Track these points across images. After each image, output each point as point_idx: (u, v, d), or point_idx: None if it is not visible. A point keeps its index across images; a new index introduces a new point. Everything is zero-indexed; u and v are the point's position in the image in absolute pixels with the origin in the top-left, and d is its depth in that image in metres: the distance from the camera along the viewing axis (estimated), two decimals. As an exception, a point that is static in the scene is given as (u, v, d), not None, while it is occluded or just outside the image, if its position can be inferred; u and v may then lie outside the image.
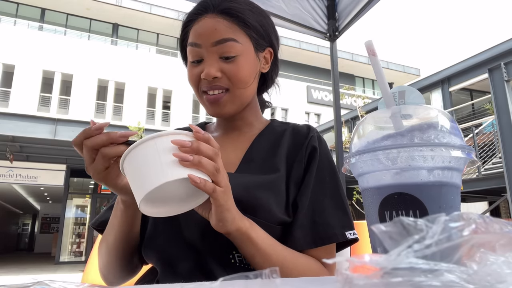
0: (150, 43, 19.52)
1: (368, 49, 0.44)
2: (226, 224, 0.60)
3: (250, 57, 0.80)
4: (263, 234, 0.66)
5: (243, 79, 0.77)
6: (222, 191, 0.56)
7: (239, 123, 0.87)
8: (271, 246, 0.66)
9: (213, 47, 0.76)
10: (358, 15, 2.23)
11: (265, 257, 0.64)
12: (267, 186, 0.73)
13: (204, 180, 0.53)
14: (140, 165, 0.53)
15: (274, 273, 0.27)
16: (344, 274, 0.23)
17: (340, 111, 2.45)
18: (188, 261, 0.70)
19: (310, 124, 0.90)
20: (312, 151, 0.81)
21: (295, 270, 0.67)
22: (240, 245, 0.64)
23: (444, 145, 0.38)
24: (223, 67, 0.76)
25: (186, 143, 0.53)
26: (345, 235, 0.72)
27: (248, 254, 0.65)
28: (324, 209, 0.74)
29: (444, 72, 12.20)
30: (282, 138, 0.84)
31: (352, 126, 14.35)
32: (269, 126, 0.89)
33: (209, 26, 0.77)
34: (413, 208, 0.38)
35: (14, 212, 23.98)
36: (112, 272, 0.78)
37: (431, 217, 0.25)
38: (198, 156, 0.53)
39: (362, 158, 0.41)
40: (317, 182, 0.77)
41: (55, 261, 12.21)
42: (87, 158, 0.60)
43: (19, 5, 17.64)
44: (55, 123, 9.74)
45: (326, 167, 0.80)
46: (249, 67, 0.79)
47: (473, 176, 8.15)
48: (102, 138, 0.59)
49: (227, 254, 0.69)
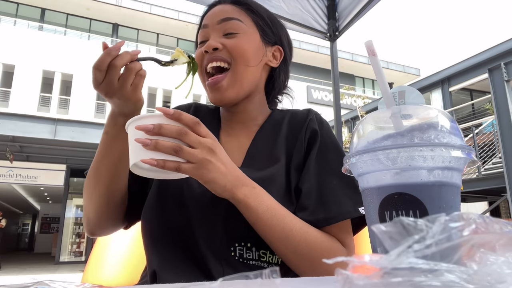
0: (150, 43, 19.52)
1: (368, 49, 0.44)
2: (217, 192, 0.62)
3: (254, 40, 0.81)
4: (269, 203, 0.66)
5: (244, 54, 0.78)
6: (193, 167, 0.58)
7: (243, 116, 0.86)
8: (276, 217, 0.65)
9: (218, 25, 0.79)
10: (358, 15, 2.23)
11: (267, 227, 0.64)
12: (268, 181, 0.72)
13: (163, 161, 0.56)
14: (128, 139, 0.60)
15: (274, 273, 0.27)
16: (344, 274, 0.23)
17: (340, 111, 2.45)
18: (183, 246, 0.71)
19: (311, 108, 0.90)
20: (312, 134, 0.81)
21: (304, 243, 0.66)
22: (241, 212, 0.65)
23: (444, 145, 0.38)
24: (225, 41, 0.78)
25: (149, 127, 0.56)
26: (358, 211, 0.69)
27: (250, 222, 0.66)
28: (333, 188, 0.73)
29: (444, 72, 12.20)
30: (281, 126, 0.85)
31: (352, 126, 14.35)
32: (270, 117, 0.89)
33: (217, 9, 0.82)
34: (413, 208, 0.38)
35: (14, 212, 23.97)
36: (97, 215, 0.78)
37: (431, 217, 0.25)
38: (154, 140, 0.56)
39: (362, 158, 0.41)
40: (322, 164, 0.76)
41: (55, 261, 12.21)
42: (111, 78, 0.64)
43: (19, 5, 17.63)
44: (55, 123, 9.74)
45: (330, 148, 0.79)
46: (252, 46, 0.80)
47: (473, 176, 8.15)
48: (127, 57, 0.65)
49: (229, 246, 0.69)
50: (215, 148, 0.61)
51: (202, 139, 0.59)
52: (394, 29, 43.65)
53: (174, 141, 0.58)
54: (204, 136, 0.60)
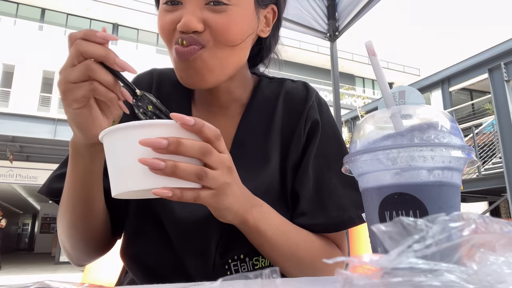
0: (150, 43, 19.52)
1: (368, 49, 0.44)
2: (227, 219, 0.52)
3: (248, 12, 0.61)
4: (276, 221, 0.58)
5: (232, 37, 0.58)
6: (212, 194, 0.46)
7: (224, 99, 0.69)
8: (283, 235, 0.58)
9: None
10: (358, 15, 2.23)
11: (274, 247, 0.58)
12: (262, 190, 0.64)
13: (180, 191, 0.42)
14: (112, 155, 0.44)
15: (274, 273, 0.27)
16: (344, 274, 0.23)
17: (340, 111, 2.45)
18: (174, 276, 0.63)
19: (307, 83, 0.74)
20: (313, 125, 0.69)
21: (308, 256, 0.61)
22: (246, 235, 0.58)
23: (444, 145, 0.38)
24: (208, 17, 0.57)
25: (161, 144, 0.41)
26: (361, 217, 0.63)
27: (255, 244, 0.59)
28: (332, 188, 0.65)
29: (444, 72, 12.20)
30: (275, 109, 0.70)
31: (352, 126, 14.35)
32: (257, 92, 0.72)
33: None
34: (413, 208, 0.38)
35: (14, 212, 23.97)
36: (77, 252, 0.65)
37: (431, 217, 0.25)
38: (172, 164, 0.41)
39: (362, 158, 0.41)
40: (321, 159, 0.67)
41: (55, 261, 12.21)
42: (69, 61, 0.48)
43: (19, 5, 17.63)
44: (55, 123, 9.74)
45: (330, 138, 0.69)
46: (244, 23, 0.60)
47: (473, 176, 8.15)
48: (99, 50, 0.46)
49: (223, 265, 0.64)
50: (232, 166, 0.50)
51: (222, 156, 0.47)
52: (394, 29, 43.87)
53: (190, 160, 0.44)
54: (222, 151, 0.48)
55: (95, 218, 0.62)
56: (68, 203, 0.59)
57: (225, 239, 0.63)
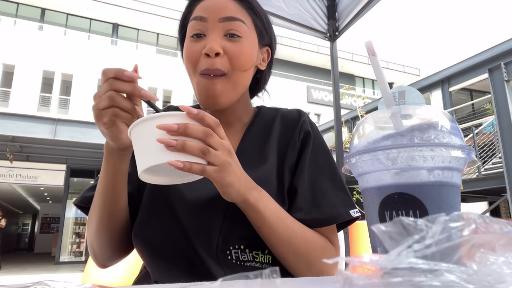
0: (150, 43, 19.52)
1: (368, 49, 0.44)
2: (231, 196, 0.61)
3: (254, 45, 0.78)
4: (273, 206, 0.66)
5: (244, 62, 0.74)
6: (216, 170, 0.56)
7: (230, 117, 0.83)
8: (280, 219, 0.66)
9: (220, 23, 0.73)
10: (358, 15, 2.23)
11: (272, 230, 0.65)
12: (261, 181, 0.71)
13: (189, 163, 0.53)
14: (138, 141, 0.55)
15: (274, 273, 0.27)
16: (344, 274, 0.23)
17: (340, 111, 2.45)
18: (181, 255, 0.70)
19: (300, 109, 0.89)
20: (305, 135, 0.81)
21: (303, 244, 0.68)
22: (247, 215, 0.65)
23: (444, 145, 0.38)
24: (226, 45, 0.73)
25: (173, 127, 0.53)
26: (349, 214, 0.73)
27: (255, 225, 0.66)
28: (324, 190, 0.76)
29: (444, 72, 12.21)
30: (273, 125, 0.84)
31: (352, 126, 14.35)
32: (257, 115, 0.87)
33: (219, 2, 0.75)
34: (413, 208, 0.38)
35: (14, 212, 23.98)
36: (103, 251, 0.77)
37: (431, 217, 0.25)
38: (181, 141, 0.53)
39: (362, 158, 0.41)
40: (313, 166, 0.78)
41: (55, 261, 12.20)
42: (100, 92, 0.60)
43: (19, 5, 17.64)
44: (55, 123, 9.73)
45: (321, 150, 0.81)
46: (251, 53, 0.76)
47: (473, 176, 8.16)
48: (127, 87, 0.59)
49: (225, 250, 0.69)
50: (232, 150, 0.61)
51: (222, 141, 0.58)
52: (394, 29, 43.72)
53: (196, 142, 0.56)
54: (223, 138, 0.59)
55: (119, 216, 0.74)
56: (99, 200, 0.71)
57: (227, 224, 0.70)
